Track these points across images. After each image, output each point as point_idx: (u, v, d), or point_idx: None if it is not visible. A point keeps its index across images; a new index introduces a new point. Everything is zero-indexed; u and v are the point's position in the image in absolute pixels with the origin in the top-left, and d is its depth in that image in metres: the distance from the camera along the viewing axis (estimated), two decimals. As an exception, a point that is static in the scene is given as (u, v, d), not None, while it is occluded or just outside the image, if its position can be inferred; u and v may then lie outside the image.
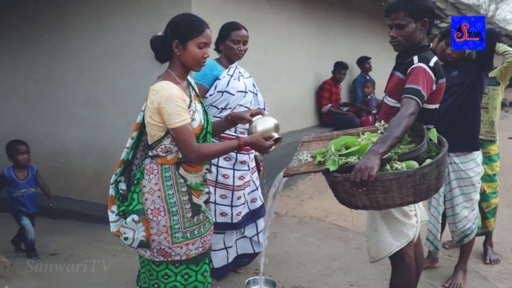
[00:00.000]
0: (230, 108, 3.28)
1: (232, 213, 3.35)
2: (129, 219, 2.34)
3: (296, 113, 6.57)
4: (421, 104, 2.29)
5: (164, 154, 2.30)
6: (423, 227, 4.23)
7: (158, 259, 2.33)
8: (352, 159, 2.16)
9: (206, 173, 2.45)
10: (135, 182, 2.37)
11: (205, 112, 2.43)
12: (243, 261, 3.65)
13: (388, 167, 2.07)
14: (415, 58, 2.44)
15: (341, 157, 2.18)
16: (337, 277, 3.56)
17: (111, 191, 2.42)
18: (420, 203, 2.62)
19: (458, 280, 3.47)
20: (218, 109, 3.28)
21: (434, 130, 2.31)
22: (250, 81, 3.45)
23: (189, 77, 2.45)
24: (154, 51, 2.38)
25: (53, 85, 5.44)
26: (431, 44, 2.62)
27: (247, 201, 3.49)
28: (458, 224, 3.46)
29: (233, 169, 3.33)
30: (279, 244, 4.18)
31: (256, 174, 3.58)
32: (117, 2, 4.87)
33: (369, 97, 7.48)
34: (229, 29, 3.31)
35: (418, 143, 2.25)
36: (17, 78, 5.69)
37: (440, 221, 3.52)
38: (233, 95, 3.26)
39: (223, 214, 3.33)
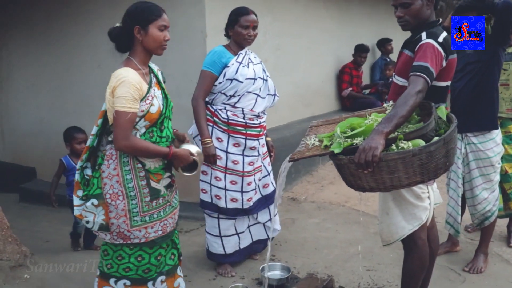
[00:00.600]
0: (238, 95, 3.27)
1: (242, 199, 3.34)
2: (89, 203, 2.43)
3: (317, 98, 6.49)
4: (429, 82, 2.22)
5: None
6: (438, 209, 4.18)
7: (118, 242, 2.43)
8: (357, 141, 2.11)
9: (168, 147, 2.47)
10: (97, 167, 2.46)
11: (166, 98, 2.50)
12: (258, 247, 3.64)
13: (394, 147, 2.01)
14: (423, 35, 2.36)
15: (346, 139, 2.14)
16: (354, 262, 3.52)
17: (77, 177, 2.49)
18: (434, 185, 2.57)
19: (479, 264, 3.39)
20: (227, 96, 3.27)
21: (443, 107, 2.25)
22: (260, 67, 3.41)
23: (152, 64, 2.55)
24: (114, 41, 2.46)
25: (74, 78, 5.50)
26: (441, 20, 2.53)
27: (258, 187, 3.47)
28: (478, 206, 3.37)
29: (243, 155, 3.32)
30: (296, 230, 4.16)
31: (268, 159, 3.56)
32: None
33: (390, 79, 7.32)
34: (238, 14, 3.29)
35: (427, 121, 2.18)
36: (41, 72, 5.77)
37: (460, 204, 3.43)
38: (242, 82, 3.23)
39: (233, 200, 3.33)
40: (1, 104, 6.21)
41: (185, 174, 2.53)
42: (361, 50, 6.75)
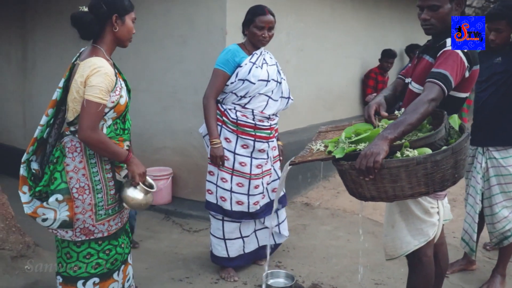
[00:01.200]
0: (250, 96, 3.18)
1: (248, 202, 3.25)
2: (51, 199, 2.29)
3: (340, 102, 6.35)
4: (446, 91, 2.07)
5: None
6: (456, 225, 4.03)
7: (80, 239, 2.33)
8: (361, 146, 1.99)
9: (127, 150, 2.41)
10: (55, 161, 2.32)
11: (129, 91, 2.50)
12: (264, 252, 3.54)
13: (398, 154, 1.88)
14: (448, 41, 2.20)
15: (350, 145, 2.03)
16: (362, 274, 3.38)
17: (22, 171, 2.34)
18: (445, 200, 2.42)
19: (495, 285, 3.21)
20: (238, 96, 3.19)
21: (455, 116, 2.10)
22: (275, 69, 3.30)
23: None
24: (82, 28, 2.30)
25: (95, 70, 5.50)
26: None
27: (267, 190, 3.37)
28: (497, 224, 3.19)
29: (251, 157, 3.23)
30: (307, 237, 4.04)
31: (278, 163, 3.45)
32: (156, -13, 4.84)
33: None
34: (254, 14, 3.18)
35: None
36: (65, 62, 5.69)
37: (477, 221, 3.24)
38: (254, 83, 3.14)
39: (239, 202, 3.23)
40: (25, 93, 6.27)
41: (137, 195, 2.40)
42: (388, 55, 6.57)
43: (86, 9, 2.30)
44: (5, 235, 3.13)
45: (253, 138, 3.20)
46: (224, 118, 3.21)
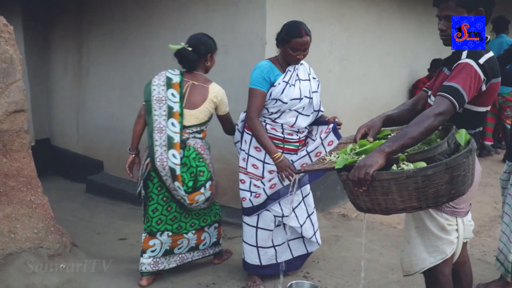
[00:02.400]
0: (281, 112, 3.21)
1: (282, 209, 3.32)
2: (207, 185, 3.35)
3: (385, 111, 6.22)
4: (457, 105, 2.02)
5: (206, 129, 3.46)
6: (491, 244, 3.85)
7: (207, 205, 3.50)
8: (361, 158, 1.98)
9: None
10: (194, 157, 3.34)
11: None
12: (298, 263, 3.56)
13: (394, 167, 1.86)
14: (464, 53, 2.14)
15: (354, 156, 2.02)
16: (392, 289, 3.31)
17: (178, 171, 3.22)
18: (467, 217, 2.34)
19: (533, 309, 3.05)
20: (269, 112, 3.23)
21: (463, 131, 2.03)
22: (308, 84, 3.30)
23: None
24: (187, 62, 3.49)
25: (143, 77, 5.65)
26: (489, 37, 2.28)
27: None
28: (534, 245, 3.03)
29: (263, 162, 3.27)
30: (339, 249, 3.99)
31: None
32: (201, -3, 4.96)
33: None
34: (290, 35, 3.13)
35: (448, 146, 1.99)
36: (114, 70, 6.04)
37: (513, 240, 3.10)
38: (286, 103, 3.17)
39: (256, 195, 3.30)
40: (79, 99, 6.58)
41: None
42: (437, 65, 6.37)
43: (190, 48, 3.35)
44: (44, 235, 3.31)
45: (281, 151, 3.21)
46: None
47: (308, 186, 3.50)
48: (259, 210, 3.31)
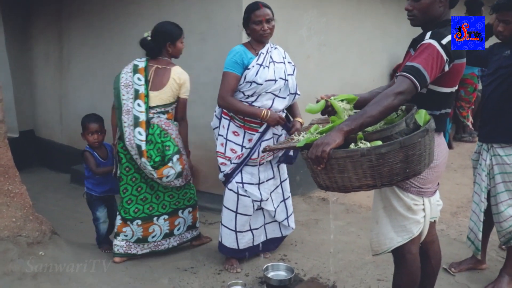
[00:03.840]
0: (257, 95, 3.24)
1: (261, 193, 3.39)
2: (174, 159, 3.41)
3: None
4: (418, 85, 2.04)
5: (171, 111, 3.56)
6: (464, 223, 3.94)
7: (183, 184, 3.55)
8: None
9: None
10: (159, 133, 3.43)
11: None
12: (271, 246, 3.61)
13: (352, 145, 1.91)
14: (428, 34, 2.16)
15: (317, 135, 2.07)
16: (367, 270, 3.38)
17: (144, 146, 3.35)
18: (435, 197, 2.39)
19: (501, 285, 3.12)
20: (245, 95, 3.26)
21: (423, 111, 2.06)
22: (282, 67, 3.33)
23: None
24: (147, 50, 3.64)
25: (123, 66, 5.60)
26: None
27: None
28: (503, 223, 3.09)
29: (258, 149, 3.31)
30: (317, 231, 4.05)
31: None
32: (178, -17, 4.95)
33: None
34: (249, 11, 3.25)
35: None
36: (94, 61, 6.03)
37: (482, 219, 3.15)
38: (261, 84, 3.20)
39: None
40: (62, 90, 6.57)
41: None
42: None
43: (149, 38, 3.55)
44: (22, 223, 3.32)
45: (259, 133, 3.26)
46: (232, 113, 3.30)
47: (286, 172, 3.56)
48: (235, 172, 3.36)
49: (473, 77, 6.64)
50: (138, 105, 3.39)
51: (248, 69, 3.22)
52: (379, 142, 1.88)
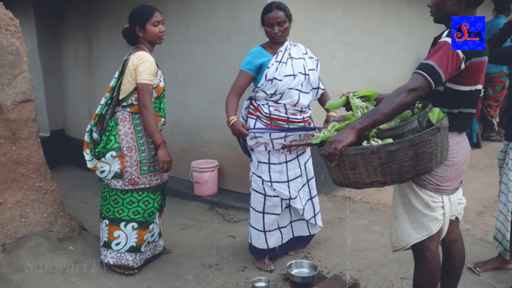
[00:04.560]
0: (280, 93, 3.25)
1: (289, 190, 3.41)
2: (108, 155, 3.17)
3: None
4: (432, 82, 2.04)
5: (136, 103, 3.16)
6: (490, 222, 3.90)
7: (127, 188, 3.21)
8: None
9: (162, 125, 3.33)
10: (110, 129, 3.20)
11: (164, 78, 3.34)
12: (298, 244, 3.65)
13: (365, 143, 1.94)
14: (446, 32, 2.18)
15: (335, 133, 2.11)
16: (390, 268, 3.38)
17: (86, 138, 3.26)
18: (457, 195, 2.39)
19: (527, 285, 3.10)
20: (267, 94, 3.27)
21: (436, 109, 2.07)
22: (301, 62, 3.33)
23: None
24: (125, 38, 3.36)
25: (151, 67, 5.81)
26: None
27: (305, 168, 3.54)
28: (529, 223, 3.07)
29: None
30: (341, 230, 4.07)
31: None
32: (204, -14, 5.03)
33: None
34: (263, 13, 3.29)
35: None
36: (119, 60, 6.15)
37: (510, 219, 3.12)
38: (281, 80, 3.21)
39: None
40: (91, 90, 6.73)
41: None
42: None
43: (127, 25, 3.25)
44: (53, 219, 3.45)
45: (286, 132, 3.28)
46: (258, 113, 3.33)
47: (312, 170, 3.58)
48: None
49: (501, 75, 6.54)
50: (104, 98, 3.27)
51: (268, 67, 3.24)
52: (390, 140, 1.91)
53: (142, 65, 3.07)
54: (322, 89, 3.47)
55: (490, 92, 6.59)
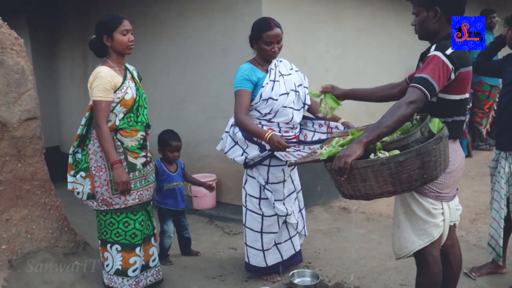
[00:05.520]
0: (274, 112, 3.24)
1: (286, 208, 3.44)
2: (78, 176, 3.05)
3: (382, 107, 6.27)
4: (427, 93, 2.18)
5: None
6: (482, 229, 4.02)
7: (103, 208, 3.05)
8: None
9: (141, 138, 3.08)
10: (85, 148, 3.06)
11: (138, 90, 3.08)
12: (296, 260, 3.64)
13: (372, 155, 2.04)
14: (433, 47, 2.32)
15: (339, 148, 2.20)
16: (389, 275, 3.47)
17: (70, 160, 3.13)
18: (454, 202, 2.50)
19: (522, 288, 3.21)
20: (261, 113, 3.26)
21: (436, 120, 2.20)
22: (291, 79, 3.35)
23: (128, 65, 3.19)
24: (92, 50, 3.11)
25: (147, 83, 5.84)
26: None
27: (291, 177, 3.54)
28: (521, 230, 3.19)
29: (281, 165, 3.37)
30: (339, 239, 4.17)
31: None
32: (200, 3, 5.13)
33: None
34: (260, 30, 3.18)
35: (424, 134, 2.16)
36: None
37: (502, 226, 3.23)
38: (277, 100, 3.22)
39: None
40: (86, 107, 6.76)
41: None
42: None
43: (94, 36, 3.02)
44: (58, 234, 3.50)
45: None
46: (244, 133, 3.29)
47: (299, 183, 3.63)
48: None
49: (482, 85, 6.83)
50: (84, 117, 3.13)
51: (263, 86, 3.22)
52: (397, 151, 2.01)
53: (95, 81, 2.87)
54: (308, 105, 3.47)
55: (474, 101, 6.83)
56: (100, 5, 6.46)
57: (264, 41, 3.19)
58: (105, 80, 2.86)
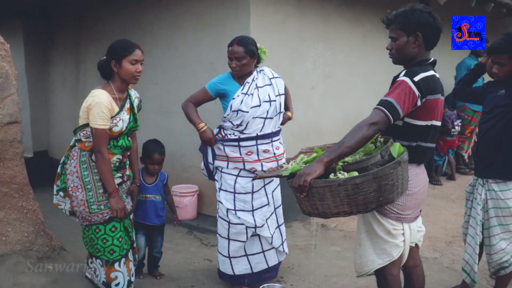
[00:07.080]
0: (246, 122, 3.34)
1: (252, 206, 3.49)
2: (58, 196, 3.11)
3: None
4: (390, 117, 2.23)
5: (85, 140, 2.97)
6: (457, 252, 4.05)
7: (85, 224, 3.09)
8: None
9: (117, 161, 3.08)
10: (62, 165, 3.08)
11: (134, 121, 3.15)
12: (269, 275, 3.64)
13: (332, 175, 2.09)
14: (403, 72, 2.39)
15: (303, 165, 2.25)
16: (359, 293, 3.51)
17: (59, 169, 3.13)
18: (416, 223, 2.55)
19: (489, 312, 3.24)
20: (233, 124, 3.37)
21: (397, 144, 2.24)
22: (266, 90, 3.41)
23: (132, 91, 3.15)
24: (99, 71, 3.12)
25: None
26: (432, 59, 2.50)
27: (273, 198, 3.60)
28: (494, 256, 3.21)
29: (259, 159, 3.43)
30: (315, 256, 4.20)
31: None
32: (192, 16, 5.21)
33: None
34: (228, 45, 3.38)
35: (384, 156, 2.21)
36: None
37: (477, 252, 3.27)
38: (247, 112, 3.32)
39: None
40: (76, 113, 6.78)
41: None
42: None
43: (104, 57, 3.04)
44: (33, 238, 3.53)
45: (255, 145, 3.41)
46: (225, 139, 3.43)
47: (280, 198, 3.68)
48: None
49: (464, 109, 6.96)
50: None
51: (234, 98, 3.34)
52: (356, 173, 2.06)
53: (96, 108, 2.85)
54: (282, 112, 3.57)
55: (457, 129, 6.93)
56: (93, 17, 6.55)
57: (228, 56, 3.37)
58: (105, 109, 2.88)
